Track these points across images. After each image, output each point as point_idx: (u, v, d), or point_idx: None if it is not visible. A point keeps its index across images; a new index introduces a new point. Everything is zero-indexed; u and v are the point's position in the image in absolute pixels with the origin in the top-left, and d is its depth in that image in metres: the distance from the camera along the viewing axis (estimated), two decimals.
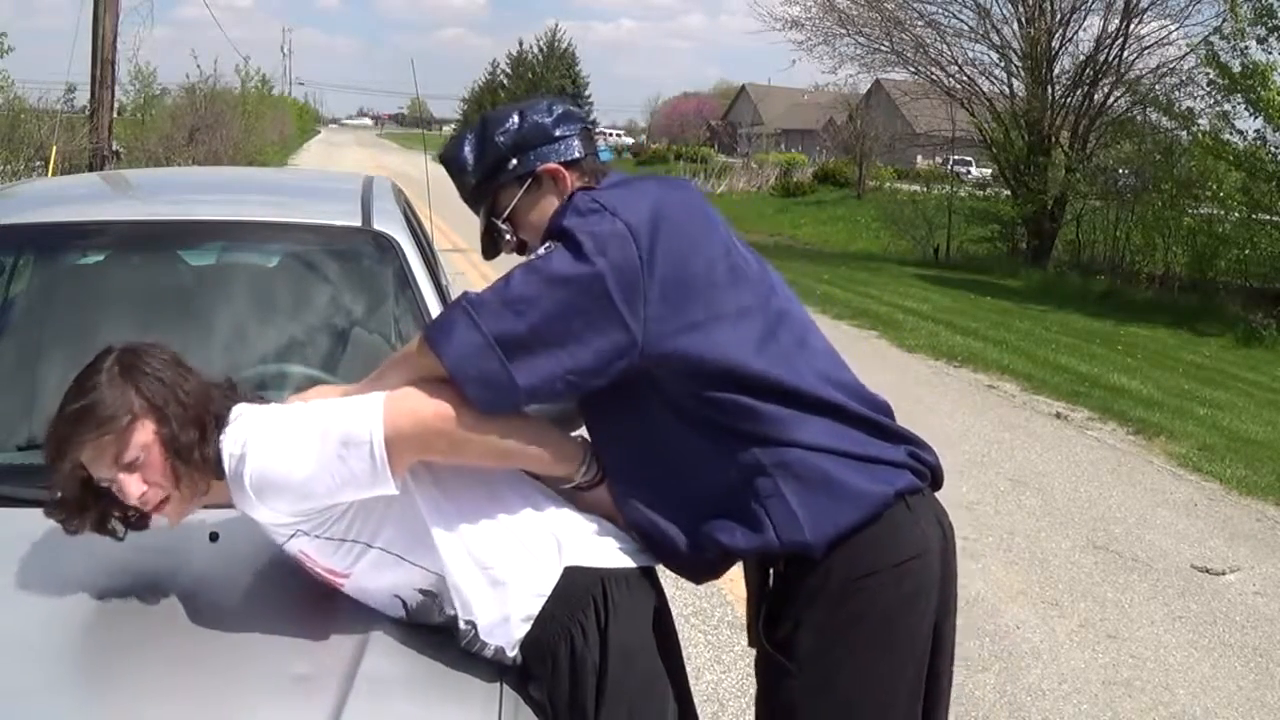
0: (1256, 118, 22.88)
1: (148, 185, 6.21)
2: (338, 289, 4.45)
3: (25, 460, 3.50)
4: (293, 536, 2.72)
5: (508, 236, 3.06)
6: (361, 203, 4.73)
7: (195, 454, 2.64)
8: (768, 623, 2.95)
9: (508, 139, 3.03)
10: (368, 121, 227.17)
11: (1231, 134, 23.49)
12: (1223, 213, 24.10)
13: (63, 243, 4.47)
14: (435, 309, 4.17)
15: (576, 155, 3.05)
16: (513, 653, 2.76)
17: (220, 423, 2.68)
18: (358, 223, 4.52)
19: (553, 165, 3.02)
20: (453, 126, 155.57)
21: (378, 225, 4.50)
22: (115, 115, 22.71)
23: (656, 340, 2.72)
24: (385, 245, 4.42)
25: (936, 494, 3.08)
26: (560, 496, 2.93)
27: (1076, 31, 31.81)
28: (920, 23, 33.61)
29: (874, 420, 3.01)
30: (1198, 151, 24.06)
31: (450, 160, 3.12)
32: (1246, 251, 23.51)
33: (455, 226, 23.96)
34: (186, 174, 11.71)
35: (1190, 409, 13.64)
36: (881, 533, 2.86)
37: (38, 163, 21.74)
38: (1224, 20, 23.84)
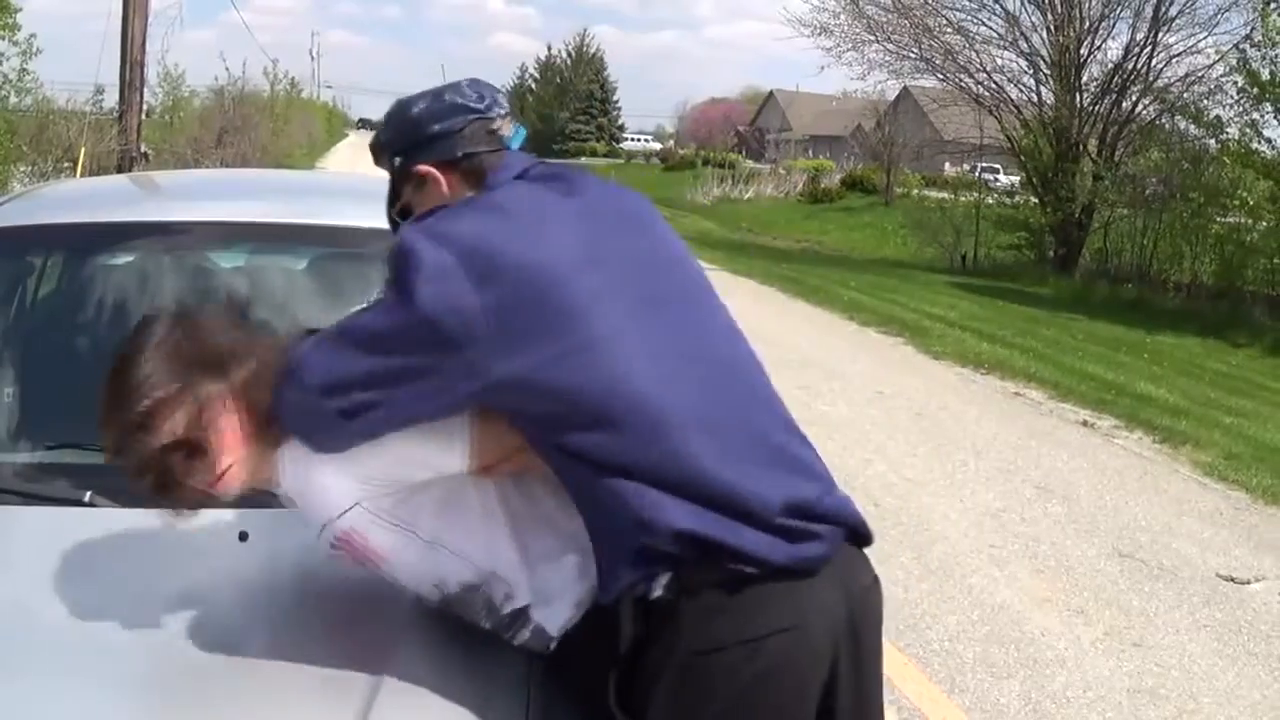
0: None
1: (176, 187, 6.23)
2: (367, 291, 4.46)
3: (56, 459, 3.52)
4: (350, 510, 2.67)
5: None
6: None
7: (268, 410, 2.58)
8: (618, 690, 2.67)
9: (388, 134, 2.94)
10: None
11: (1260, 142, 23.44)
12: (1250, 221, 24.03)
13: (92, 243, 4.48)
14: None
15: (455, 155, 2.85)
16: (555, 633, 2.73)
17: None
18: (387, 225, 4.52)
19: (424, 167, 2.86)
20: None
21: None
22: (144, 117, 22.78)
23: (501, 374, 2.52)
24: None
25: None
26: None
27: (1105, 39, 31.81)
28: (949, 30, 33.61)
29: (737, 493, 2.60)
30: (1227, 160, 23.98)
31: (372, 148, 3.03)
32: (1275, 261, 23.44)
33: None
34: (215, 176, 11.73)
35: (1216, 418, 13.60)
36: (738, 603, 2.56)
37: (66, 164, 21.81)
38: (1253, 29, 23.80)
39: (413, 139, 2.87)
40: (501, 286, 2.51)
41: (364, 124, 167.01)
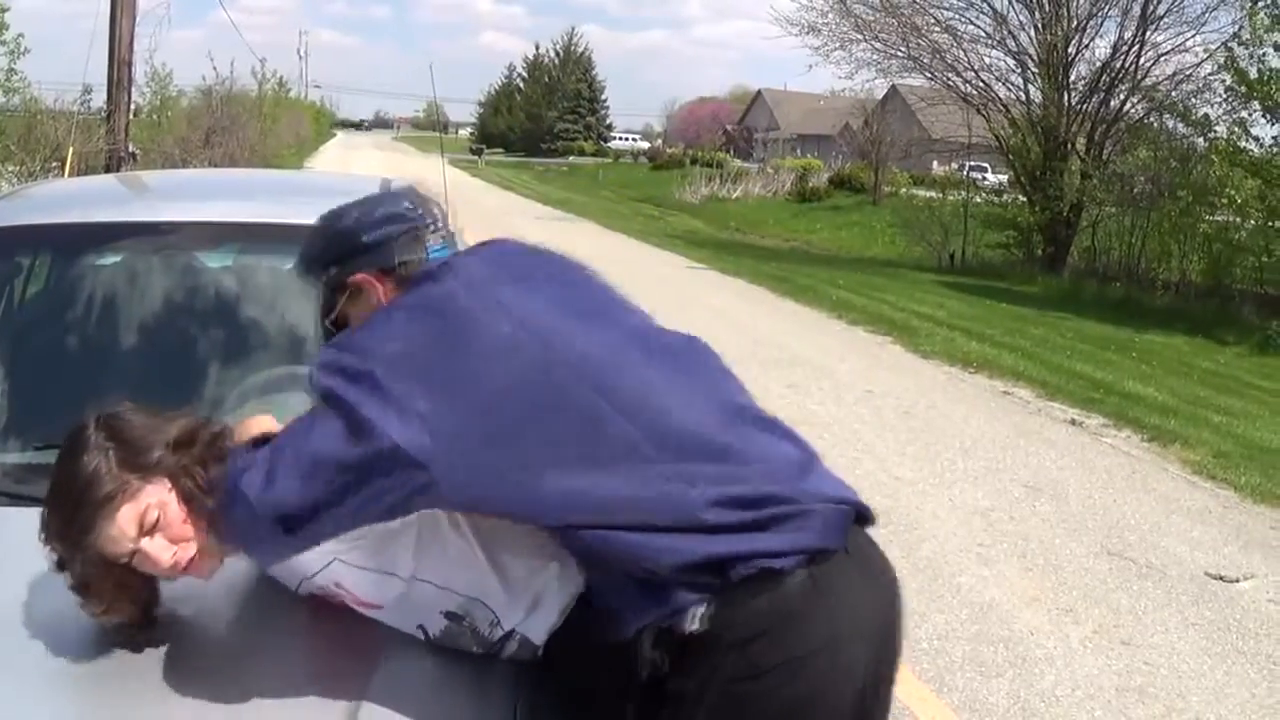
0: (1273, 124, 22.86)
1: (164, 187, 6.23)
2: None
3: (45, 460, 3.51)
4: (329, 565, 2.69)
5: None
6: None
7: (211, 498, 2.59)
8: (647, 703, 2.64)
9: (321, 245, 2.98)
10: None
11: (1248, 140, 23.46)
12: (1238, 220, 24.06)
13: (80, 243, 4.48)
14: None
15: (390, 263, 2.88)
16: (540, 641, 2.72)
17: (226, 456, 2.63)
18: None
19: (360, 276, 2.88)
20: (469, 130, 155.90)
21: None
22: (132, 117, 22.68)
23: (459, 487, 2.50)
24: None
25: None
26: None
27: (1093, 38, 31.85)
28: (937, 28, 33.64)
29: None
30: (1215, 158, 23.99)
31: (298, 266, 3.07)
32: (1263, 259, 23.47)
33: (472, 229, 24.01)
34: (203, 176, 11.73)
35: (1205, 416, 13.63)
36: (773, 625, 2.51)
37: (54, 164, 21.74)
38: (1241, 27, 23.84)
39: (347, 249, 2.91)
40: (431, 391, 2.48)
41: (366, 125, 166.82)
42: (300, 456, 2.47)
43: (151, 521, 2.55)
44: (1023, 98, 33.02)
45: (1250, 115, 23.79)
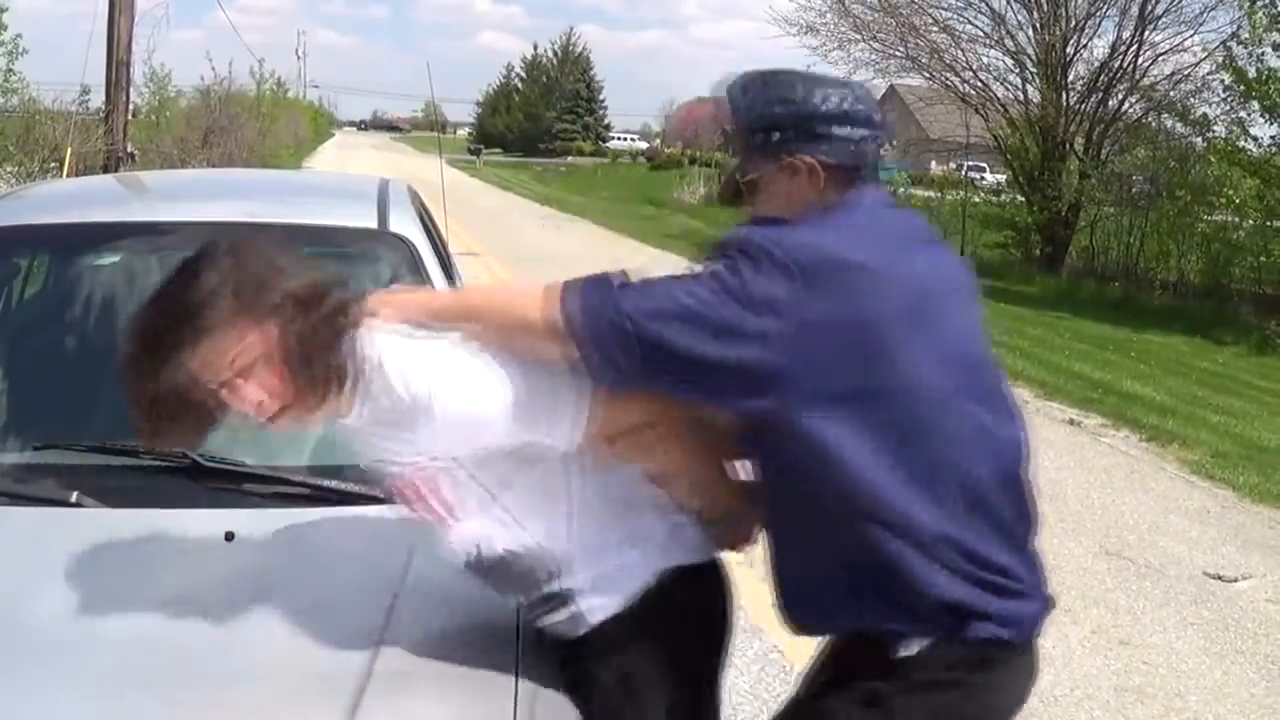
0: (1272, 124, 22.83)
1: (163, 187, 6.24)
2: (353, 290, 4.45)
3: (43, 460, 3.51)
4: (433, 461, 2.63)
5: (744, 197, 2.83)
6: (378, 205, 4.73)
7: (319, 363, 2.52)
8: (828, 684, 2.79)
9: (779, 108, 2.74)
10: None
11: (1246, 140, 23.44)
12: (1237, 219, 24.04)
13: (79, 244, 4.49)
14: None
15: (834, 161, 2.73)
16: (594, 623, 2.72)
17: (345, 330, 2.56)
18: (374, 224, 4.52)
19: (809, 159, 2.71)
20: (467, 130, 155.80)
21: (394, 227, 4.50)
22: (130, 117, 22.67)
23: (796, 406, 2.51)
24: (401, 247, 4.42)
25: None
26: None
27: (1091, 38, 31.79)
28: (935, 28, 33.57)
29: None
30: (1214, 158, 23.96)
31: (728, 92, 2.85)
32: (1262, 259, 23.44)
33: (470, 229, 23.80)
34: (201, 176, 11.73)
35: (1203, 416, 13.61)
36: (968, 681, 2.65)
37: (52, 164, 21.73)
38: (1239, 26, 23.81)
39: (806, 127, 2.75)
40: (837, 313, 2.50)
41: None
42: (680, 294, 2.52)
43: (245, 364, 2.47)
44: (1021, 97, 32.90)
45: (1249, 115, 23.73)
